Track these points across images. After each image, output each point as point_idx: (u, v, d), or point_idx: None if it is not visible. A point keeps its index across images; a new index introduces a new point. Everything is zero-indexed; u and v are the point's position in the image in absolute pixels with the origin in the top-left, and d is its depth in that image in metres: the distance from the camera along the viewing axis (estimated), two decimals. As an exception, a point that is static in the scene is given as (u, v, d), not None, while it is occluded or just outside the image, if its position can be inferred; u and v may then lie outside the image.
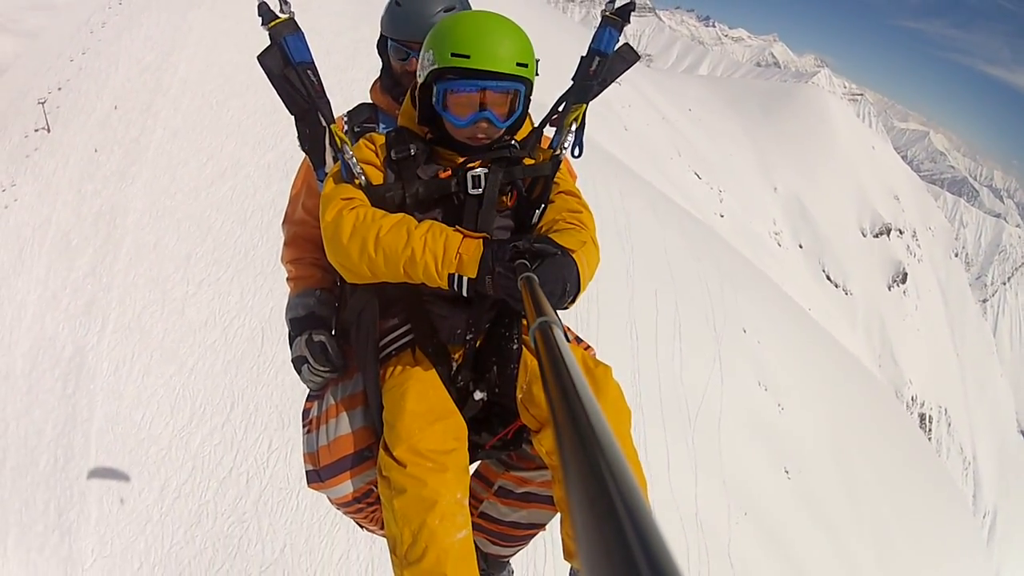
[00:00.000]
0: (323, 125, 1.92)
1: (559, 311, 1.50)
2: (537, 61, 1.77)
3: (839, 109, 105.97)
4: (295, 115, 1.97)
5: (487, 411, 1.94)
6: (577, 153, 2.02)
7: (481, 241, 1.62)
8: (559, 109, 2.03)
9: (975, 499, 74.17)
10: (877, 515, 23.75)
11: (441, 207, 1.80)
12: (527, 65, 1.70)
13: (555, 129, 2.04)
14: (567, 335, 1.92)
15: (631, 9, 2.03)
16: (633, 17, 2.06)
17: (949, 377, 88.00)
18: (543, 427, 1.76)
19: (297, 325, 2.20)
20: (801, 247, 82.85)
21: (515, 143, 1.85)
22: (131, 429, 10.16)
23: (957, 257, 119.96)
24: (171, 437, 10.21)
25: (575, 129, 2.01)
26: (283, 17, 1.89)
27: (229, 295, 12.02)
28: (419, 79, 1.79)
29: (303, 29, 1.93)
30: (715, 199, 68.24)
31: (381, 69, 2.41)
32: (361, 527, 2.25)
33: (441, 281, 1.62)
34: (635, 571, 0.34)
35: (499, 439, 1.95)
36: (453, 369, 1.88)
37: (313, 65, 1.94)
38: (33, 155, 14.06)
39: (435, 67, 1.70)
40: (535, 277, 1.32)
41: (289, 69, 1.91)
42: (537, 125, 1.99)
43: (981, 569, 30.06)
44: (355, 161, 1.81)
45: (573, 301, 1.58)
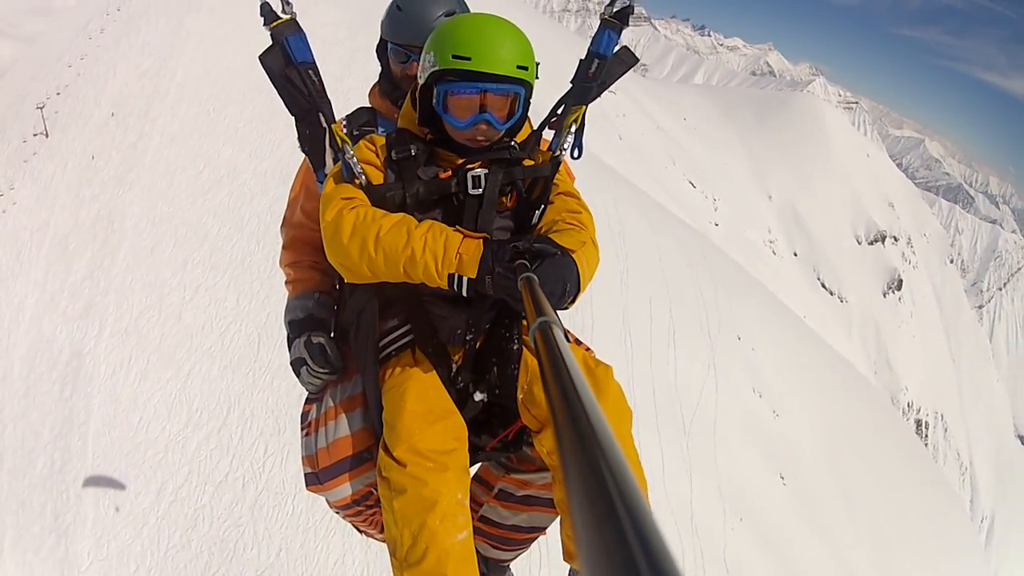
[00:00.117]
0: (323, 126, 1.93)
1: (559, 311, 1.50)
2: (537, 64, 1.77)
3: (834, 117, 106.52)
4: (296, 115, 1.97)
5: (487, 413, 1.93)
6: (576, 154, 2.02)
7: (481, 241, 1.62)
8: (558, 112, 2.04)
9: (972, 504, 74.27)
10: (873, 520, 23.76)
11: (441, 207, 1.80)
12: (527, 68, 1.71)
13: (554, 132, 2.05)
14: (567, 336, 1.90)
15: (630, 12, 2.04)
16: (628, 27, 2.07)
17: (945, 383, 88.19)
18: (544, 427, 1.75)
19: (296, 327, 2.19)
20: (796, 255, 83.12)
21: (514, 145, 1.85)
22: (128, 432, 10.15)
23: (952, 263, 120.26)
24: (167, 441, 10.19)
25: (574, 131, 2.01)
26: (285, 17, 1.90)
27: (226, 300, 12.03)
28: (420, 80, 1.79)
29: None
30: (710, 208, 68.38)
31: (380, 73, 2.40)
32: (359, 531, 2.23)
33: (441, 281, 1.62)
34: (635, 572, 0.34)
35: (499, 440, 1.94)
36: (453, 370, 1.87)
37: (315, 65, 1.94)
38: (32, 159, 14.07)
39: (436, 68, 1.70)
40: (535, 277, 1.32)
41: (291, 69, 1.92)
42: (536, 128, 1.99)
43: (979, 573, 30.07)
44: (355, 161, 1.80)
45: (573, 301, 1.59)
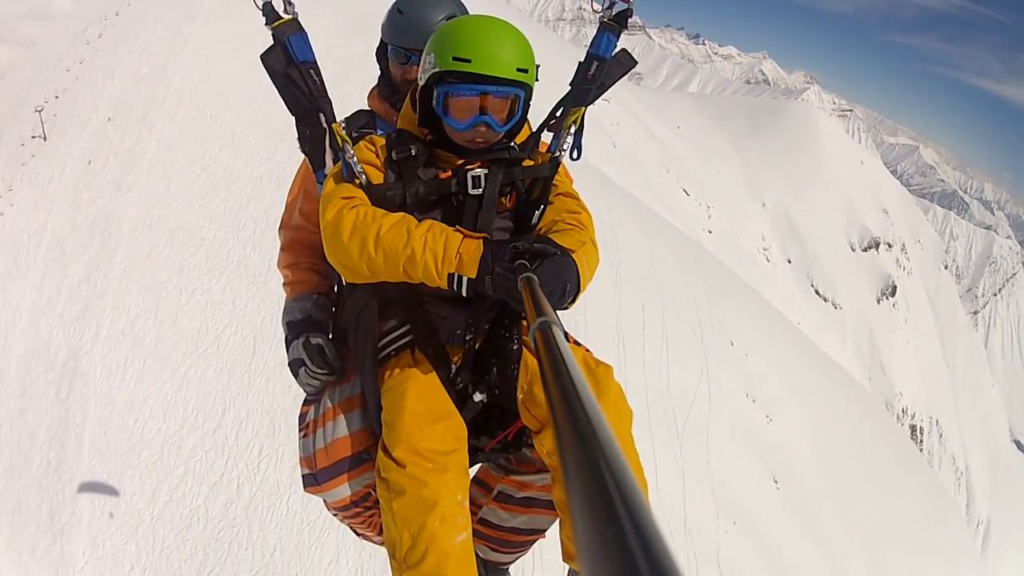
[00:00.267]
0: (324, 126, 1.94)
1: (559, 312, 1.50)
2: (537, 67, 1.77)
3: (827, 124, 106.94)
4: (296, 115, 1.98)
5: (486, 414, 1.92)
6: (576, 156, 2.03)
7: (481, 241, 1.61)
8: (557, 114, 2.05)
9: (968, 509, 74.18)
10: (868, 525, 23.78)
11: (441, 207, 1.80)
12: (527, 70, 1.71)
13: (552, 134, 2.06)
14: (567, 336, 1.92)
15: (628, 15, 2.05)
16: (623, 36, 2.08)
17: (940, 388, 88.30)
18: (544, 428, 1.74)
19: (294, 329, 2.19)
20: (790, 262, 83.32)
21: (514, 146, 1.86)
22: (123, 433, 10.16)
23: (947, 269, 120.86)
24: (163, 442, 10.21)
25: (574, 132, 2.02)
26: (287, 17, 1.92)
27: (222, 304, 12.06)
28: (420, 82, 1.79)
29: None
30: (703, 215, 68.61)
31: (379, 76, 2.41)
32: (357, 534, 2.21)
33: (441, 281, 1.61)
34: (635, 573, 0.34)
35: (499, 441, 1.94)
36: (452, 371, 1.86)
37: (316, 65, 1.95)
38: (30, 163, 14.10)
39: (436, 70, 1.70)
40: (535, 277, 1.32)
41: (292, 68, 1.93)
42: (536, 130, 2.00)
43: (975, 577, 30.11)
44: (356, 161, 1.80)
45: (573, 301, 1.59)
